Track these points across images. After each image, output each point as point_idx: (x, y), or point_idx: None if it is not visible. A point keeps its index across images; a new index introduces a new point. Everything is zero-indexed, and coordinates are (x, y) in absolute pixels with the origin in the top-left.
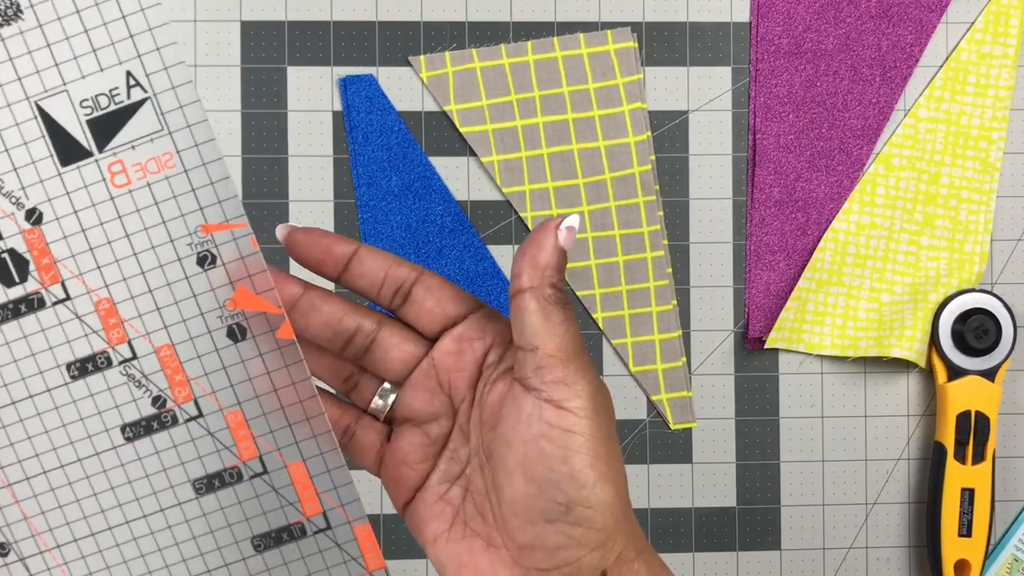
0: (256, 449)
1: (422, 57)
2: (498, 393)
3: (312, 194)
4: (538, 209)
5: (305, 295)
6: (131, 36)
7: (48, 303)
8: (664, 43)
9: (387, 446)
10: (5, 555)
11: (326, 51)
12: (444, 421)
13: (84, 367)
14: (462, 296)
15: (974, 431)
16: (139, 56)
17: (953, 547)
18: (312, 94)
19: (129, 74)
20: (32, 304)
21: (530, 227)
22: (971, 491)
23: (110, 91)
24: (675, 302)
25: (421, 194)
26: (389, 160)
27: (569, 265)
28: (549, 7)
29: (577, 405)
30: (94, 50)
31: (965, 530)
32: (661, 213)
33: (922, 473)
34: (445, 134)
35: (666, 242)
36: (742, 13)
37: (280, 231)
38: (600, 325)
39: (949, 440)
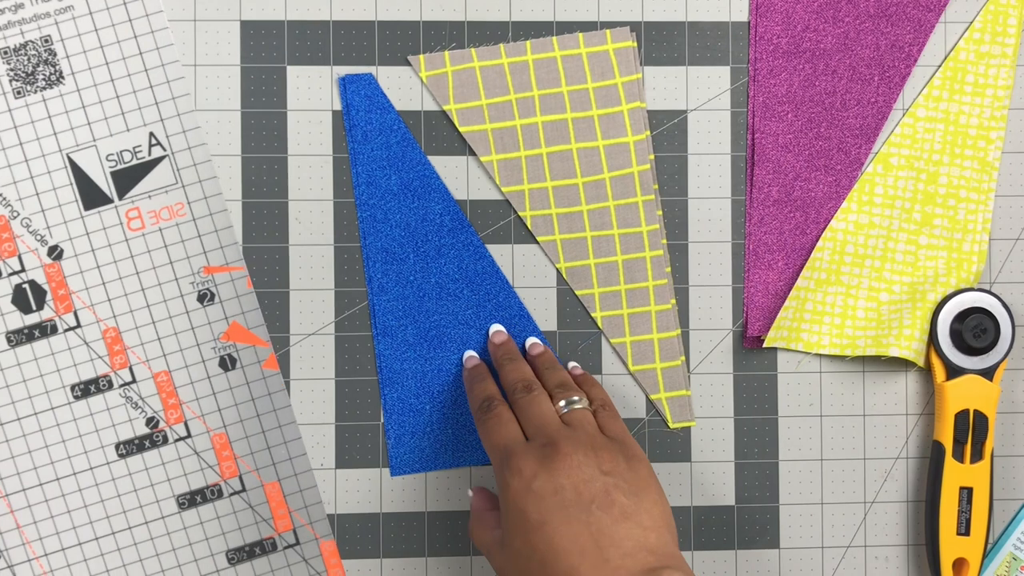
0: (237, 468)
1: (421, 56)
2: None
3: (312, 193)
4: (537, 208)
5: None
6: (156, 103)
7: (60, 330)
8: (663, 42)
9: None
10: None
11: (326, 50)
12: None
13: (87, 388)
14: None
15: (972, 430)
16: (161, 120)
17: (951, 545)
18: (312, 93)
19: (152, 135)
20: (45, 330)
21: (529, 226)
22: (969, 490)
23: (134, 148)
24: (674, 301)
25: (420, 193)
26: (388, 159)
27: (568, 264)
28: (548, 7)
29: None
30: (123, 113)
31: (963, 528)
32: (660, 212)
33: (920, 472)
34: (444, 133)
35: (665, 241)
36: (741, 13)
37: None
38: (599, 324)
39: (947, 439)
